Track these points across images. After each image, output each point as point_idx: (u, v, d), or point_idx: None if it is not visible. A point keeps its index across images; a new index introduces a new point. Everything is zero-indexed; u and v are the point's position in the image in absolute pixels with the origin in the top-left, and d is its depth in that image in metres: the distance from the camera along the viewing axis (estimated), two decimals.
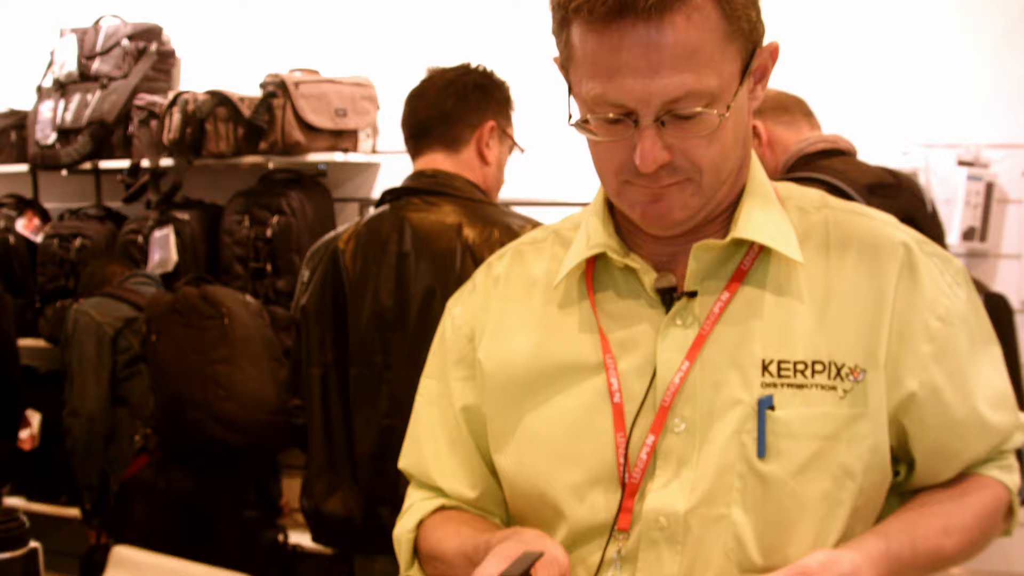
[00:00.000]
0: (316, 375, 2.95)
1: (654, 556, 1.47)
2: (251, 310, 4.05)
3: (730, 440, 1.46)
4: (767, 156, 3.25)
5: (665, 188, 1.43)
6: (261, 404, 3.88)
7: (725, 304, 1.50)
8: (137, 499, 4.10)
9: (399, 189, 2.92)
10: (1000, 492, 1.58)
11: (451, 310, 1.73)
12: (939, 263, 1.55)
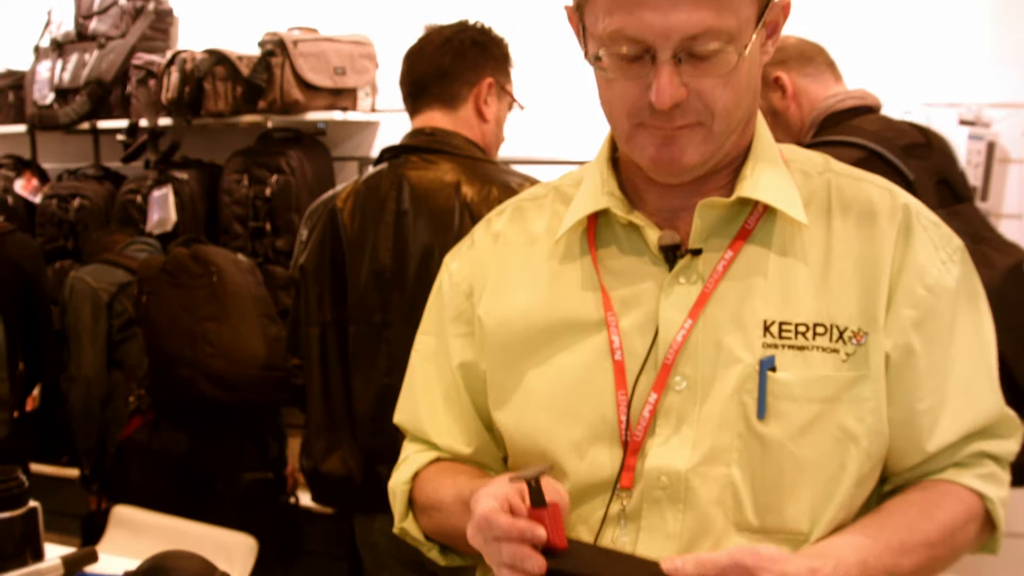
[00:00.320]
0: (315, 334, 2.95)
1: (657, 515, 1.47)
2: (242, 268, 4.04)
3: (730, 399, 1.46)
4: (792, 109, 3.22)
5: (677, 131, 1.43)
6: (250, 360, 3.87)
7: (729, 262, 1.49)
8: (133, 461, 4.10)
9: (397, 147, 2.91)
10: (974, 505, 1.53)
11: (448, 265, 1.72)
12: (936, 236, 1.54)
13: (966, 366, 1.53)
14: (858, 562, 1.39)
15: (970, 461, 1.55)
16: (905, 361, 1.49)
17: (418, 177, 2.80)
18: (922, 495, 1.53)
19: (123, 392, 4.29)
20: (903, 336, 1.49)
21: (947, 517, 1.50)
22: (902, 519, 1.48)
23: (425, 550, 1.66)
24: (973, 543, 1.56)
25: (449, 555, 1.65)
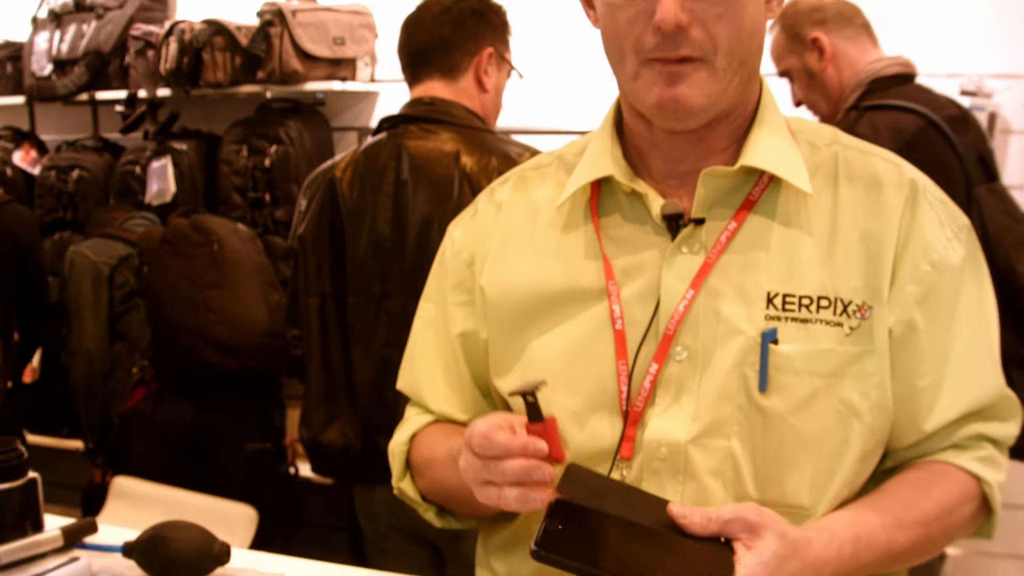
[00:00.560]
0: (314, 305, 2.94)
1: (657, 486, 1.46)
2: (242, 236, 4.03)
3: (732, 371, 1.45)
4: (829, 71, 3.22)
5: (681, 67, 1.42)
6: (253, 327, 3.87)
7: (732, 233, 1.49)
8: (137, 432, 4.10)
9: (396, 117, 2.89)
10: (969, 487, 1.52)
11: (451, 233, 1.72)
12: (943, 213, 1.54)
13: (967, 345, 1.52)
14: (852, 536, 1.39)
15: (969, 443, 1.54)
16: (907, 337, 1.48)
17: (417, 147, 2.79)
18: (918, 475, 1.52)
19: (126, 364, 4.29)
20: (906, 312, 1.48)
21: (943, 497, 1.49)
22: (898, 497, 1.48)
23: (421, 511, 1.65)
24: (968, 525, 1.55)
25: (445, 517, 1.65)
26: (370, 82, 4.69)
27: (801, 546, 1.33)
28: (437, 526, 1.65)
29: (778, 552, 1.29)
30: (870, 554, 1.40)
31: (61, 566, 1.49)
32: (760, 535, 1.29)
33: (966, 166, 2.99)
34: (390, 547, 2.92)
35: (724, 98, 1.47)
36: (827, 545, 1.36)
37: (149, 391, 4.10)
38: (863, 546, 1.39)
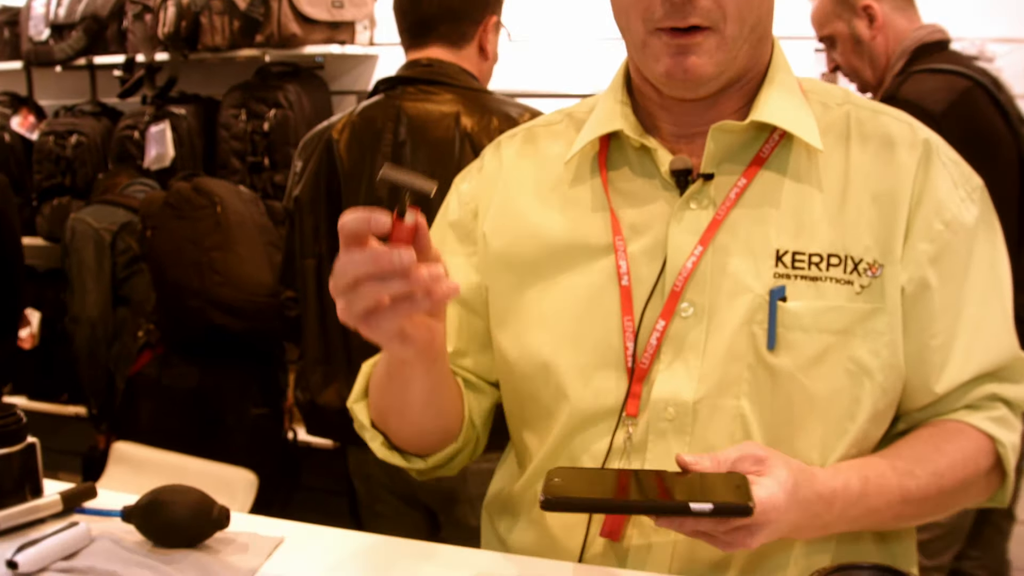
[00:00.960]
0: (311, 266, 2.94)
1: (663, 447, 1.46)
2: (244, 198, 4.04)
3: (740, 329, 1.44)
4: (878, 39, 3.24)
5: (691, 37, 1.41)
6: (258, 287, 3.88)
7: (742, 189, 1.47)
8: (143, 396, 4.12)
9: (394, 78, 2.88)
10: (983, 445, 1.51)
11: (458, 186, 1.70)
12: (956, 173, 1.52)
13: (980, 305, 1.50)
14: (860, 477, 1.39)
15: (982, 403, 1.53)
16: (919, 296, 1.47)
17: (416, 108, 2.78)
18: (932, 431, 1.51)
19: (130, 328, 4.30)
20: (919, 270, 1.46)
21: (957, 451, 1.48)
22: (910, 450, 1.47)
23: (368, 438, 1.61)
24: (982, 484, 1.54)
25: (392, 451, 1.61)
26: (369, 45, 4.67)
27: (807, 473, 1.33)
28: (379, 456, 1.61)
29: (790, 476, 1.29)
30: (880, 497, 1.39)
31: (60, 531, 1.48)
32: (769, 464, 1.29)
33: (1012, 123, 3.01)
34: (384, 509, 2.93)
35: (734, 65, 1.46)
36: (833, 477, 1.36)
37: (155, 355, 4.12)
38: (872, 487, 1.39)
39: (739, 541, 1.26)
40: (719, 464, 1.29)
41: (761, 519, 1.24)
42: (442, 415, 1.57)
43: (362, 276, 1.22)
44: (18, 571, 1.41)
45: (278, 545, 1.53)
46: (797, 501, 1.29)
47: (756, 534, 1.26)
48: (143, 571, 1.43)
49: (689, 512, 1.16)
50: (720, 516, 1.17)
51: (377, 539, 1.58)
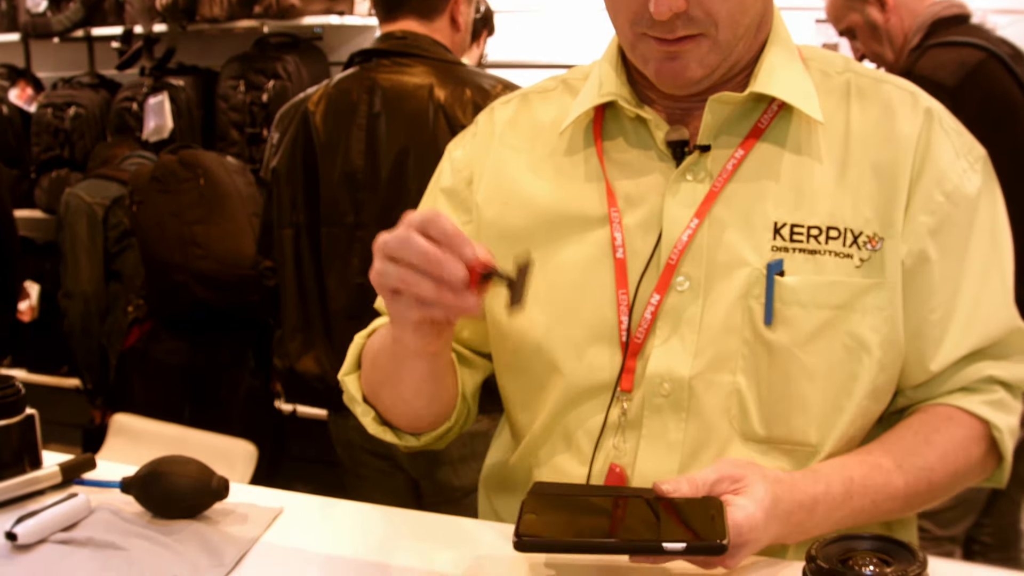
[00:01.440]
0: (288, 236, 2.97)
1: (659, 423, 1.44)
2: (230, 168, 4.02)
3: (736, 304, 1.42)
4: (892, 21, 3.26)
5: (680, 45, 1.38)
6: (241, 259, 3.87)
7: (739, 161, 1.45)
8: (134, 371, 4.14)
9: (368, 51, 2.91)
10: (976, 431, 1.49)
11: (451, 152, 1.67)
12: (959, 143, 1.49)
13: (979, 278, 1.48)
14: (843, 478, 1.37)
15: (979, 386, 1.50)
16: (918, 269, 1.45)
17: (390, 80, 2.80)
18: (922, 419, 1.49)
19: (123, 303, 4.30)
20: (918, 243, 1.44)
21: (946, 442, 1.46)
22: (898, 443, 1.45)
23: (359, 413, 1.58)
24: (976, 470, 1.52)
25: (384, 427, 1.58)
26: (368, 16, 4.65)
27: (786, 484, 1.32)
28: (373, 433, 1.58)
29: (767, 492, 1.27)
30: (865, 497, 1.37)
31: (59, 502, 1.48)
32: (747, 481, 1.28)
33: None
34: (367, 473, 2.96)
35: (728, 62, 1.43)
36: (813, 484, 1.34)
37: (143, 330, 4.11)
38: (857, 488, 1.37)
39: (718, 563, 1.25)
40: (697, 488, 1.27)
41: (738, 540, 1.23)
42: (437, 401, 1.56)
43: (412, 262, 1.23)
44: (17, 542, 1.40)
45: (277, 516, 1.53)
46: (776, 516, 1.28)
47: (735, 555, 1.25)
48: (142, 542, 1.43)
49: (663, 552, 1.17)
50: (693, 554, 1.18)
51: (376, 509, 1.58)
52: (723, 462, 1.31)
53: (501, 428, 1.73)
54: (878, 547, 1.07)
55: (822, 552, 1.04)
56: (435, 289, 1.22)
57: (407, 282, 1.23)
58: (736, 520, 1.23)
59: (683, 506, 1.25)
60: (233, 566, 1.39)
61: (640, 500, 1.28)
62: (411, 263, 1.23)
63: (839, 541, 1.08)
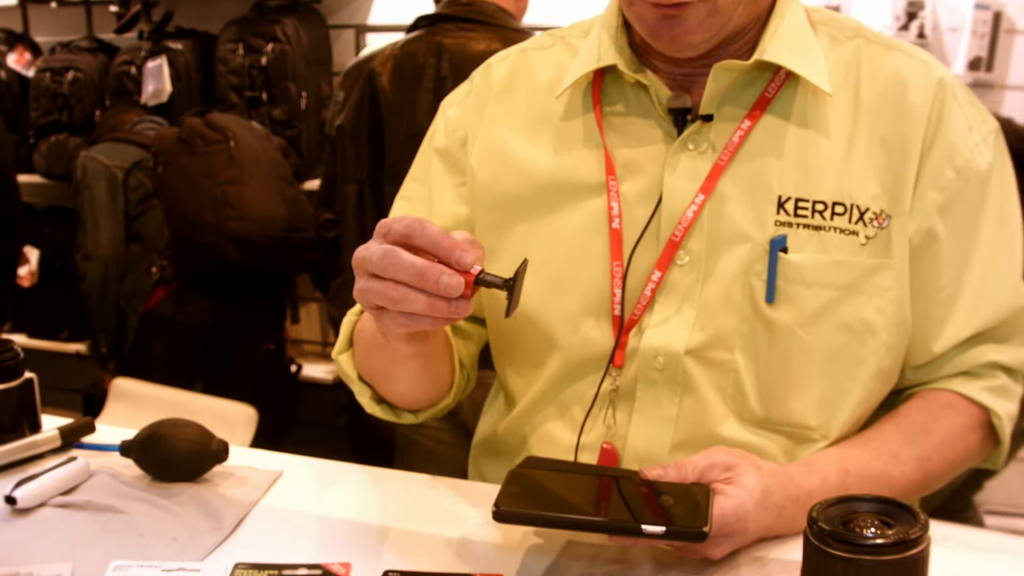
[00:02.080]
0: (352, 191, 3.16)
1: (652, 397, 1.43)
2: (257, 133, 4.04)
3: (737, 280, 1.40)
4: None
5: (676, 9, 1.33)
6: (273, 221, 3.91)
7: (746, 133, 1.41)
8: (156, 333, 4.17)
9: (433, 15, 2.99)
10: (975, 418, 1.47)
11: (445, 111, 1.64)
12: (972, 115, 1.45)
13: (988, 258, 1.45)
14: (839, 470, 1.35)
15: (981, 371, 1.49)
16: (926, 247, 1.42)
17: (456, 45, 2.89)
18: (920, 406, 1.47)
19: (144, 265, 4.31)
20: (927, 220, 1.41)
21: (944, 431, 1.45)
22: (895, 432, 1.43)
23: (356, 391, 1.55)
24: (974, 456, 1.50)
25: (382, 406, 1.55)
26: None
27: (780, 477, 1.30)
28: (370, 412, 1.56)
29: (759, 483, 1.25)
30: (862, 487, 1.34)
31: (58, 466, 1.47)
32: (739, 471, 1.25)
33: None
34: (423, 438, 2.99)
35: (729, 26, 1.39)
36: (808, 476, 1.32)
37: (169, 291, 4.14)
38: (853, 480, 1.35)
39: (703, 552, 1.24)
40: (686, 474, 1.25)
41: (725, 531, 1.22)
42: (434, 388, 1.53)
43: (400, 279, 1.16)
44: (16, 506, 1.40)
45: (277, 478, 1.53)
46: (767, 508, 1.26)
47: (720, 545, 1.23)
48: (141, 505, 1.43)
49: (642, 534, 1.15)
50: (673, 539, 1.16)
51: (375, 471, 1.58)
52: (716, 449, 1.29)
53: (494, 395, 1.71)
54: (879, 509, 1.07)
55: (823, 514, 1.04)
56: (427, 303, 1.15)
57: (394, 299, 1.16)
58: (723, 509, 1.21)
59: (669, 490, 1.23)
60: (233, 529, 1.38)
61: (626, 481, 1.27)
62: (399, 280, 1.15)
63: (840, 503, 1.08)
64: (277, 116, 4.40)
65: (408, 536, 1.37)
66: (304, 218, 3.93)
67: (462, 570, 1.26)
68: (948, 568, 1.11)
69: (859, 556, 0.99)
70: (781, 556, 1.28)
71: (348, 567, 1.27)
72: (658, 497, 1.22)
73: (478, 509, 1.43)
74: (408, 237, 1.16)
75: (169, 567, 1.27)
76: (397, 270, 1.15)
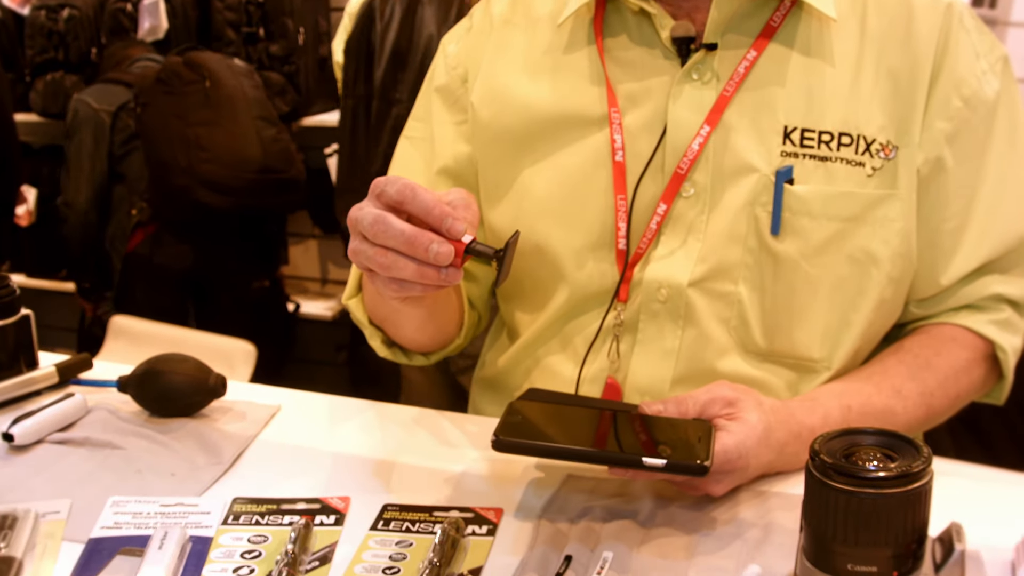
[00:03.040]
0: (349, 106, 3.57)
1: (654, 329, 1.42)
2: (237, 71, 4.01)
3: (742, 211, 1.38)
4: None
5: None
6: (245, 163, 3.89)
7: (752, 63, 1.39)
8: (137, 276, 4.15)
9: None
10: (979, 351, 1.46)
11: (445, 47, 1.62)
12: (979, 42, 1.43)
13: (995, 187, 1.43)
14: (841, 406, 1.34)
15: (986, 304, 1.47)
16: (934, 177, 1.41)
17: None
18: (923, 341, 1.46)
19: (126, 206, 4.29)
20: (935, 149, 1.40)
21: (947, 365, 1.44)
22: (898, 366, 1.42)
23: (368, 335, 1.54)
24: (977, 391, 1.50)
25: (392, 349, 1.55)
26: None
27: (782, 413, 1.29)
28: (381, 355, 1.56)
29: (761, 419, 1.24)
30: (864, 423, 1.31)
31: (56, 402, 1.47)
32: (740, 406, 1.24)
33: None
34: None
35: None
36: (810, 413, 1.32)
37: (147, 234, 4.11)
38: (855, 415, 1.34)
39: (703, 488, 1.23)
40: (686, 410, 1.24)
41: (726, 467, 1.21)
42: (441, 332, 1.53)
43: (390, 246, 1.13)
44: (14, 443, 1.40)
45: (275, 413, 1.53)
46: (769, 445, 1.25)
47: (722, 481, 1.22)
48: (139, 440, 1.42)
49: (642, 466, 1.14)
50: (673, 472, 1.15)
51: (374, 405, 1.57)
52: (718, 384, 1.28)
53: (496, 330, 1.71)
54: (882, 442, 1.06)
55: (825, 447, 1.03)
56: (416, 271, 1.12)
57: (383, 265, 1.14)
58: (725, 445, 1.20)
59: (670, 425, 1.23)
60: (231, 463, 1.38)
61: (627, 415, 1.26)
62: (389, 247, 1.13)
63: (843, 436, 1.07)
64: (275, 52, 4.37)
65: (407, 470, 1.37)
66: (282, 159, 3.93)
67: (461, 504, 1.25)
68: (951, 502, 1.11)
69: (861, 489, 0.98)
70: (783, 491, 1.27)
71: (347, 501, 1.27)
72: (659, 431, 1.22)
73: (478, 443, 1.43)
74: (400, 203, 1.14)
75: (167, 502, 1.26)
76: (387, 237, 1.12)
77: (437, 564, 1.09)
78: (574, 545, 1.13)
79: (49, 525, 1.22)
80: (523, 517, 1.23)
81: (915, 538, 0.98)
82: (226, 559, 1.15)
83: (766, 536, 1.18)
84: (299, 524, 1.18)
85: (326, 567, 1.13)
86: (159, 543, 1.14)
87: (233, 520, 1.23)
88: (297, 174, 4.00)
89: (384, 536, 1.19)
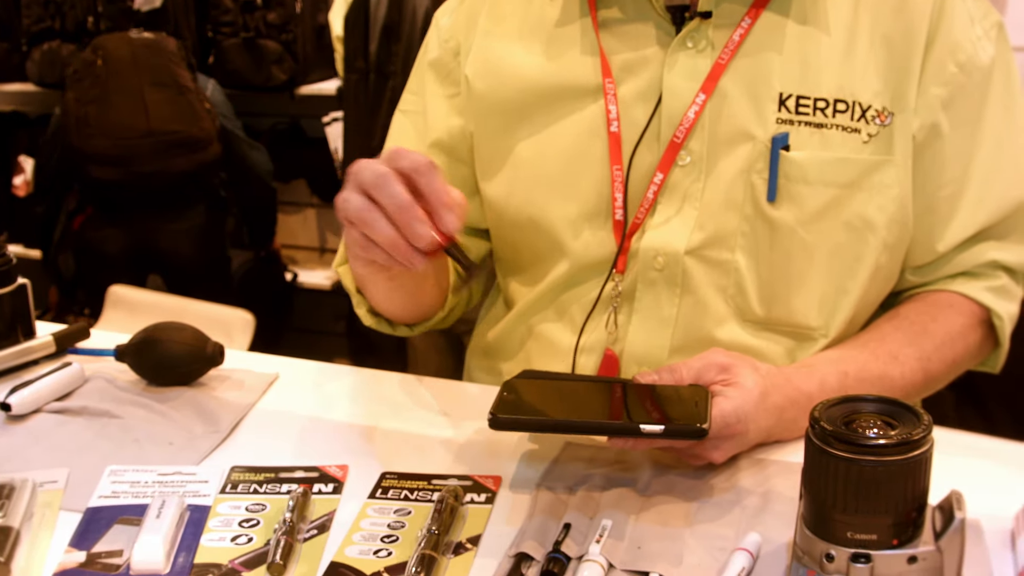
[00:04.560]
0: (352, 80, 3.66)
1: (651, 298, 1.42)
2: (136, 44, 4.05)
3: (738, 178, 1.38)
4: None
5: None
6: (127, 130, 3.95)
7: (746, 32, 1.39)
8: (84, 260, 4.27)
9: None
10: (975, 317, 1.46)
11: (438, 20, 1.61)
12: (974, 9, 1.42)
13: (992, 153, 1.43)
14: (838, 372, 1.34)
15: (982, 271, 1.47)
16: (930, 143, 1.40)
17: None
18: (919, 307, 1.46)
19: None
20: (931, 115, 1.39)
21: (944, 331, 1.43)
22: (894, 332, 1.42)
23: (355, 303, 1.55)
24: (973, 358, 1.50)
25: (378, 319, 1.56)
26: None
27: (778, 378, 1.28)
28: (366, 323, 1.57)
29: (757, 384, 1.23)
30: (861, 389, 1.31)
31: (53, 371, 1.47)
32: (736, 372, 1.24)
33: None
34: None
35: None
36: (807, 378, 1.31)
37: (84, 218, 4.24)
38: (852, 381, 1.33)
39: (702, 455, 1.22)
40: (681, 378, 1.24)
41: (725, 432, 1.20)
42: (414, 305, 1.53)
43: (383, 203, 1.14)
44: (11, 412, 1.40)
45: (273, 382, 1.53)
46: (767, 409, 1.25)
47: (720, 447, 1.21)
48: (137, 409, 1.42)
49: (640, 434, 1.14)
50: (672, 438, 1.15)
51: (372, 373, 1.58)
52: (713, 351, 1.27)
53: (491, 300, 1.71)
54: (882, 409, 1.06)
55: (825, 414, 1.03)
56: (390, 238, 1.14)
57: (365, 220, 1.14)
58: (723, 410, 1.19)
59: (667, 393, 1.22)
60: (229, 432, 1.38)
61: (622, 386, 1.26)
62: (381, 204, 1.14)
63: (843, 403, 1.06)
64: (272, 20, 4.35)
65: (405, 438, 1.37)
66: (177, 119, 3.97)
67: (460, 472, 1.25)
68: (951, 470, 1.11)
69: (862, 456, 0.97)
70: (782, 458, 1.27)
71: (345, 469, 1.26)
72: (656, 399, 1.21)
73: (477, 412, 1.42)
74: (415, 172, 1.14)
75: (165, 471, 1.26)
76: (384, 193, 1.13)
77: (435, 532, 1.09)
78: (573, 513, 1.13)
79: (47, 494, 1.21)
80: (522, 485, 1.23)
81: (915, 506, 0.98)
82: (224, 528, 1.15)
83: (765, 504, 1.18)
84: (297, 492, 1.18)
85: (324, 535, 1.13)
86: (157, 512, 1.14)
87: (231, 489, 1.23)
88: (200, 132, 4.02)
89: (382, 504, 1.19)
